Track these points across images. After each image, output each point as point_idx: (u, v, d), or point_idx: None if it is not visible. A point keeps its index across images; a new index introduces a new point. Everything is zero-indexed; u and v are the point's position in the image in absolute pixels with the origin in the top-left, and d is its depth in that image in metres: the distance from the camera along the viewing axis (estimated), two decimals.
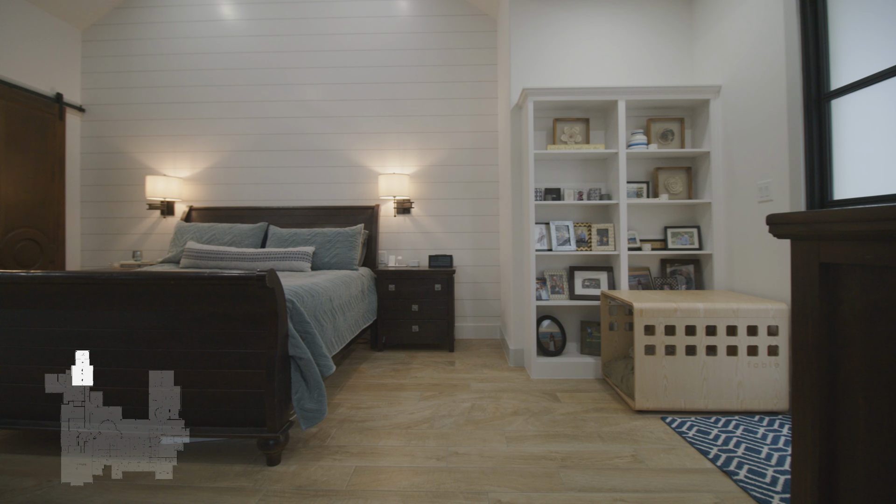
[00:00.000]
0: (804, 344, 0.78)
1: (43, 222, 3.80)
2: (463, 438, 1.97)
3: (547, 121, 3.13)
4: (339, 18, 4.03)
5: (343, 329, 2.60)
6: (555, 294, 2.98)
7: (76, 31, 4.18)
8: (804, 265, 0.78)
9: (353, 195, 4.02)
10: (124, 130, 4.18)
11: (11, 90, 3.53)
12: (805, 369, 0.78)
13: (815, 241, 0.76)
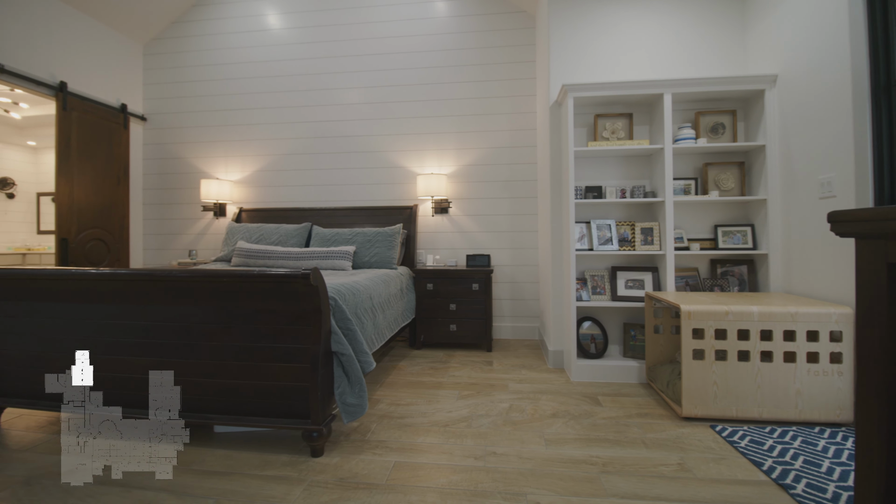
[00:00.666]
0: (870, 351, 0.72)
1: (110, 223, 4.12)
2: (501, 439, 1.96)
3: (587, 117, 3.06)
4: (378, 23, 4.11)
5: (383, 327, 2.66)
6: (596, 295, 2.90)
7: (138, 45, 4.51)
8: (870, 266, 0.72)
9: (392, 195, 4.09)
10: (181, 137, 4.47)
11: (83, 103, 3.85)
12: (871, 378, 0.72)
13: (882, 240, 0.70)
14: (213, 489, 1.59)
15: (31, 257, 5.94)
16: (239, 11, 4.35)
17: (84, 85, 3.90)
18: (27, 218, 6.41)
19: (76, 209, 3.80)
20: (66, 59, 3.76)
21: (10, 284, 2.06)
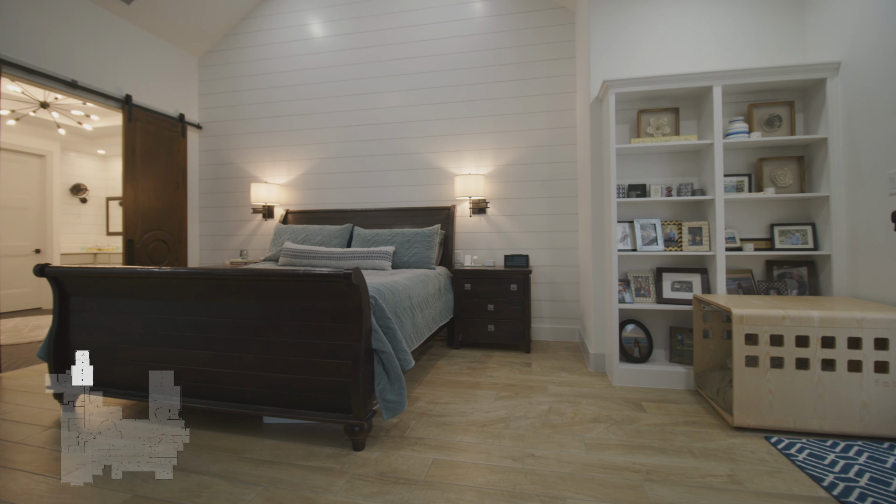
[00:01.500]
0: None
1: (170, 225, 4.42)
2: (539, 441, 1.95)
3: (630, 113, 2.96)
4: (416, 27, 4.17)
5: (421, 326, 2.70)
6: (640, 297, 2.81)
7: (194, 58, 4.81)
8: None
9: (430, 196, 4.13)
10: (233, 144, 4.72)
11: (146, 114, 4.16)
12: None
13: None
14: (261, 477, 1.68)
15: (102, 256, 6.48)
16: (285, 22, 4.55)
17: (146, 97, 4.21)
18: (98, 220, 6.99)
19: (140, 212, 4.10)
20: (131, 74, 4.07)
21: (83, 281, 2.27)
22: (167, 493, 1.57)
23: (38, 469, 1.73)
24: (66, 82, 3.45)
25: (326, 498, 1.53)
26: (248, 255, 4.62)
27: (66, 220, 6.45)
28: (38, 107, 4.83)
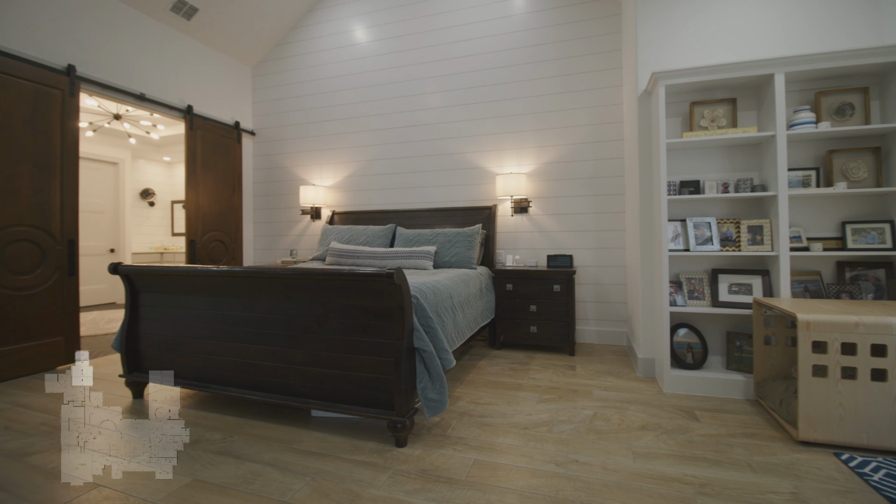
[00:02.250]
0: None
1: (227, 227, 4.70)
2: (584, 447, 1.89)
3: (682, 105, 2.82)
4: (456, 27, 4.17)
5: (462, 325, 2.70)
6: (693, 300, 2.67)
7: (247, 68, 5.08)
8: None
9: (471, 196, 4.13)
10: (283, 148, 4.95)
11: (205, 122, 4.44)
12: None
13: None
14: (309, 468, 1.74)
15: (167, 256, 6.99)
16: (331, 30, 4.70)
17: (205, 106, 4.49)
18: (163, 222, 7.55)
19: (201, 215, 4.39)
20: (192, 85, 4.36)
21: (150, 279, 2.45)
22: (224, 479, 1.67)
23: (110, 450, 1.90)
24: (135, 95, 3.75)
25: (370, 492, 1.57)
26: (297, 254, 4.83)
27: (136, 221, 7.01)
28: (111, 119, 5.29)
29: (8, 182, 2.84)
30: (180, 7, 3.96)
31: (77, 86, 3.25)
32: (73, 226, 3.22)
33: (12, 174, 2.87)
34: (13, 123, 2.87)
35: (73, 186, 3.21)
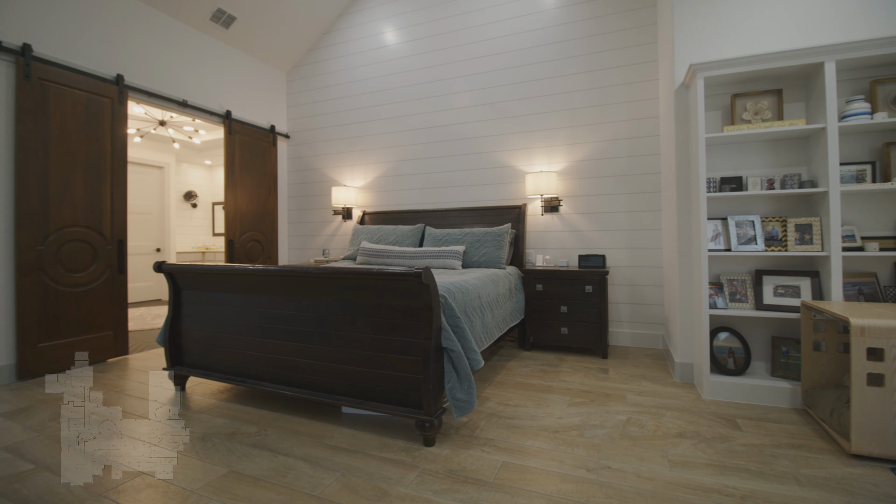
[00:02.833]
0: None
1: (263, 227, 4.85)
2: (616, 453, 1.84)
3: (722, 98, 2.69)
4: (485, 25, 4.15)
5: (491, 326, 2.68)
6: (735, 302, 2.54)
7: (282, 73, 5.23)
8: None
9: (500, 195, 4.09)
10: (316, 150, 5.07)
11: (243, 126, 4.60)
12: None
13: None
14: (339, 463, 1.77)
15: (209, 255, 7.30)
16: (361, 33, 4.78)
17: (243, 111, 4.66)
18: (205, 223, 7.89)
19: (239, 215, 4.56)
20: (230, 91, 4.53)
21: (191, 277, 2.56)
22: (258, 471, 1.72)
23: (153, 440, 1.99)
24: (178, 102, 3.93)
25: (398, 490, 1.58)
26: (329, 253, 4.93)
27: (180, 222, 7.36)
28: (157, 125, 5.57)
29: (64, 186, 3.04)
30: (219, 16, 4.12)
31: (125, 94, 3.44)
32: (123, 226, 3.41)
33: (68, 179, 3.07)
34: (68, 131, 3.07)
35: (122, 189, 3.40)
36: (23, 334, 2.82)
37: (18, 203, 2.81)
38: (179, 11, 3.89)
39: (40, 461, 1.80)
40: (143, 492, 1.58)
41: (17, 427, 2.12)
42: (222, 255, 6.61)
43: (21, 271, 2.81)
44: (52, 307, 2.97)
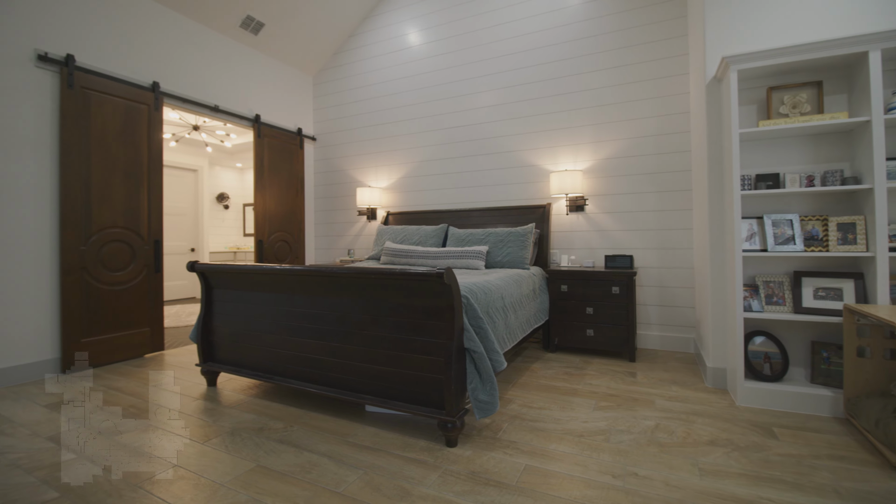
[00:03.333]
0: None
1: (291, 227, 4.97)
2: (644, 459, 1.79)
3: (757, 91, 2.57)
4: (508, 23, 4.11)
5: (514, 327, 2.65)
6: (772, 305, 2.42)
7: (308, 77, 5.33)
8: None
9: (524, 195, 4.05)
10: (341, 152, 5.15)
11: (272, 130, 4.72)
12: None
13: None
14: (362, 461, 1.79)
15: (240, 255, 7.53)
16: (385, 35, 4.82)
17: (271, 115, 4.78)
18: (236, 224, 8.14)
19: (268, 216, 4.68)
20: (259, 96, 4.65)
21: (222, 276, 2.64)
22: (284, 467, 1.75)
23: (186, 433, 2.07)
24: (209, 107, 4.07)
25: (420, 490, 1.58)
26: (354, 253, 5.00)
27: (213, 223, 7.61)
28: (191, 129, 5.78)
29: (105, 189, 3.20)
30: (248, 23, 4.24)
31: (161, 101, 3.58)
32: (158, 227, 3.55)
33: (108, 182, 3.22)
34: (108, 137, 3.22)
35: (158, 192, 3.54)
36: (67, 330, 2.98)
37: (63, 206, 2.97)
38: (211, 19, 4.02)
39: (81, 451, 1.89)
40: (176, 484, 1.64)
41: (61, 418, 2.24)
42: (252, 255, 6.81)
43: (65, 270, 2.97)
44: (93, 304, 3.12)
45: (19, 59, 2.82)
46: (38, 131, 2.91)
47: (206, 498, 1.55)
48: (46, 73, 2.94)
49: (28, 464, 1.78)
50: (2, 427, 2.13)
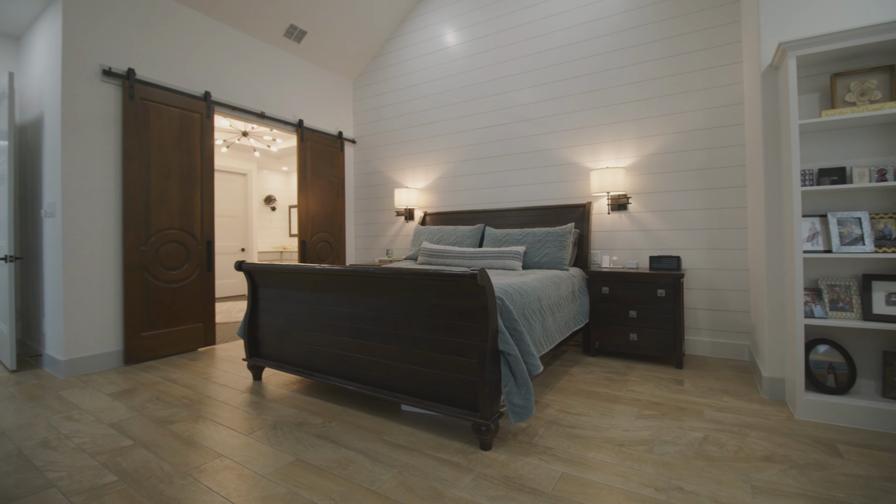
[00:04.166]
0: None
1: (332, 228, 5.11)
2: (690, 473, 1.69)
3: (818, 79, 2.36)
4: (546, 18, 4.01)
5: (552, 330, 2.59)
6: (837, 311, 2.22)
7: (348, 81, 5.46)
8: None
9: (563, 194, 3.95)
10: (380, 154, 5.24)
11: (314, 134, 4.87)
12: None
13: None
14: (396, 461, 1.81)
15: (286, 254, 7.85)
16: (422, 37, 4.85)
17: (313, 119, 4.94)
18: (282, 225, 8.48)
19: (310, 217, 4.83)
20: (302, 101, 4.82)
21: (266, 276, 2.75)
22: (321, 461, 1.80)
23: (232, 425, 2.17)
24: (256, 114, 4.25)
25: (453, 492, 1.57)
26: (392, 253, 5.07)
27: (261, 224, 7.98)
28: (240, 135, 6.08)
29: (163, 193, 3.42)
30: (292, 31, 4.40)
31: (212, 109, 3.79)
32: (211, 229, 3.75)
33: (165, 186, 3.44)
34: (165, 144, 3.44)
35: (210, 195, 3.75)
36: (129, 324, 3.21)
37: (125, 209, 3.20)
38: (257, 30, 4.21)
39: (138, 438, 2.03)
40: (221, 473, 1.72)
41: (122, 406, 2.42)
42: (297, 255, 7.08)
43: (127, 269, 3.20)
44: (152, 301, 3.35)
45: (87, 75, 3.07)
46: (104, 140, 3.16)
47: (248, 488, 1.61)
48: (110, 87, 3.19)
49: (91, 448, 1.94)
50: (71, 413, 2.33)
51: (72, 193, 3.00)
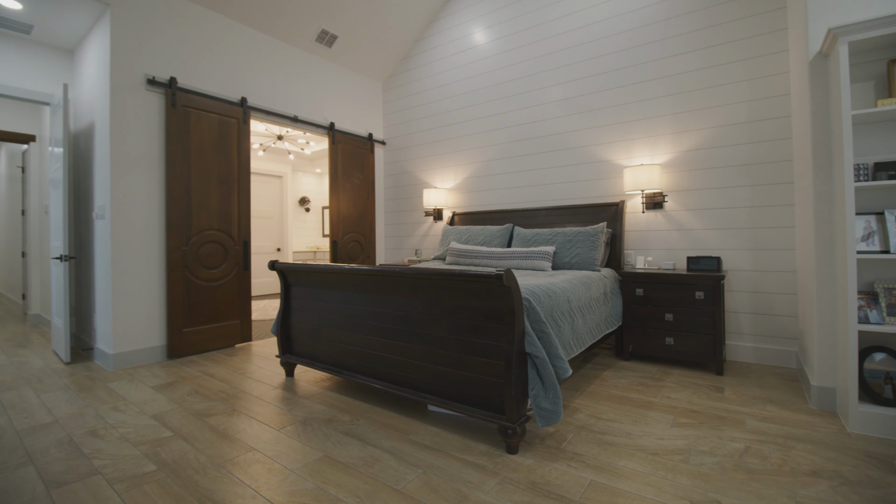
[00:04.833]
0: None
1: (362, 228, 5.19)
2: (729, 486, 1.60)
3: (873, 66, 2.19)
4: (576, 13, 3.91)
5: (582, 332, 2.52)
6: (894, 317, 2.05)
7: (378, 84, 5.53)
8: None
9: (595, 192, 3.84)
10: (409, 155, 5.27)
11: (345, 136, 4.96)
12: None
13: None
14: (422, 460, 1.81)
15: (319, 254, 8.04)
16: (450, 37, 4.85)
17: (344, 122, 5.03)
18: (316, 225, 8.70)
19: (342, 218, 4.93)
20: (333, 104, 4.92)
21: (298, 275, 2.82)
22: (348, 459, 1.82)
23: (265, 419, 2.23)
24: (290, 118, 4.37)
25: (477, 495, 1.56)
26: (421, 253, 5.10)
27: (296, 225, 8.22)
28: (276, 139, 6.27)
29: (202, 195, 3.57)
30: (323, 36, 4.50)
31: (248, 114, 3.92)
32: (247, 229, 3.89)
33: (205, 189, 3.59)
34: (204, 149, 3.59)
35: (246, 197, 3.88)
36: (171, 320, 3.37)
37: (168, 211, 3.37)
38: (290, 36, 4.32)
39: (177, 430, 2.12)
40: (253, 466, 1.78)
41: (163, 399, 2.54)
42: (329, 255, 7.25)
43: (170, 268, 3.37)
44: (192, 298, 3.50)
45: (133, 85, 3.25)
46: (149, 146, 3.33)
47: (277, 482, 1.65)
48: (154, 95, 3.36)
49: (134, 438, 2.04)
50: (117, 404, 2.47)
51: (120, 196, 3.18)
